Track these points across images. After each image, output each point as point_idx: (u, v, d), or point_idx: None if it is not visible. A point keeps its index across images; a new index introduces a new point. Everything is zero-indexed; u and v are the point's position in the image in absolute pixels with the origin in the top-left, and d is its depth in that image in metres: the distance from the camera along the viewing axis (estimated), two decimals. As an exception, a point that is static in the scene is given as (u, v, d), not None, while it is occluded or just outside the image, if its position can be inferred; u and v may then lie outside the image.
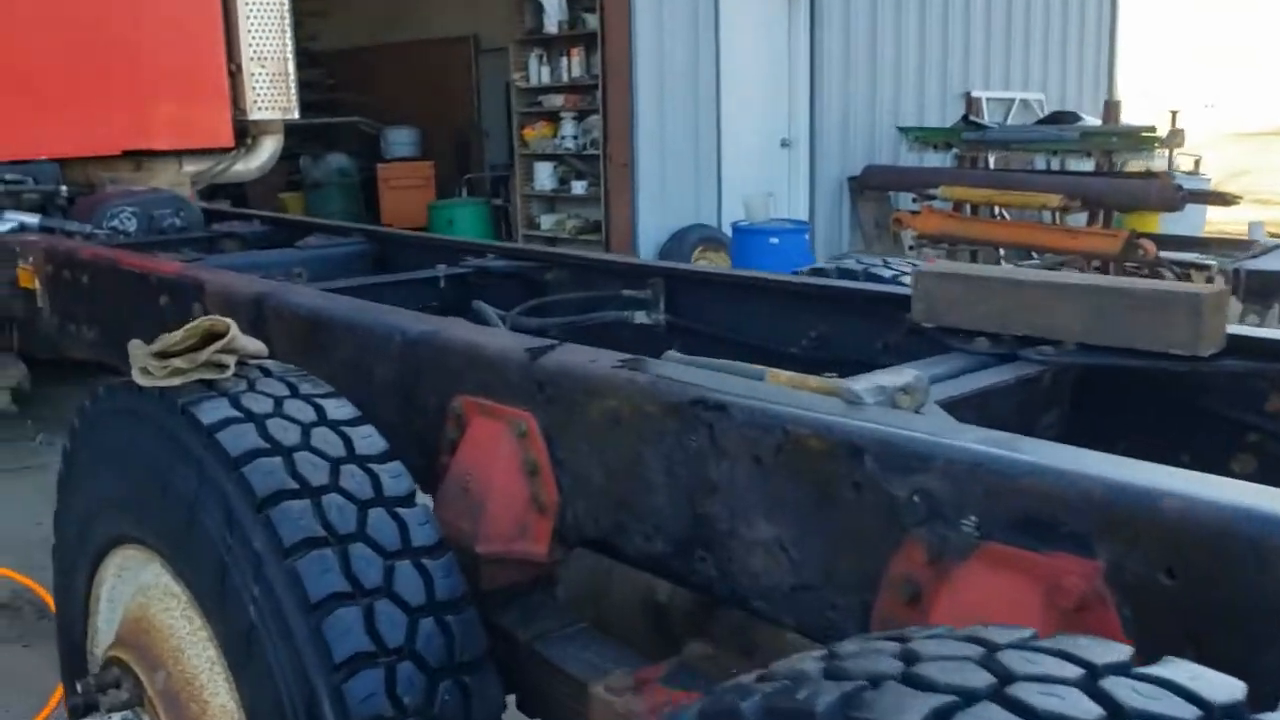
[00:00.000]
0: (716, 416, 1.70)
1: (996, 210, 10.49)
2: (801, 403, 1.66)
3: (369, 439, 1.95)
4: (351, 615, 1.69)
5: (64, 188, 5.48)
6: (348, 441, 1.91)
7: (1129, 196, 8.83)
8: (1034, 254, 10.56)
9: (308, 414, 1.94)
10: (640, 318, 3.17)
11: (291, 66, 6.59)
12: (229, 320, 2.03)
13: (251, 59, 6.36)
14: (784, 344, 2.88)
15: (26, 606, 4.41)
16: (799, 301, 2.90)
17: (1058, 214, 11.06)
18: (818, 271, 3.26)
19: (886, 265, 3.17)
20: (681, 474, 1.78)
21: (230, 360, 2.01)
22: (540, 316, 3.23)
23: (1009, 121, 12.23)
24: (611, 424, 1.88)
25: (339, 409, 1.99)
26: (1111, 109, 10.17)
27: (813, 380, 1.78)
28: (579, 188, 10.54)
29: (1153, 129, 9.42)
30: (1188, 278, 8.65)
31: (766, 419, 1.64)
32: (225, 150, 6.43)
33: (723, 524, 1.73)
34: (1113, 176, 9.34)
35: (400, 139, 16.32)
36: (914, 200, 10.28)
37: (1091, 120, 11.26)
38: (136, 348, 2.08)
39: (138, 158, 6.15)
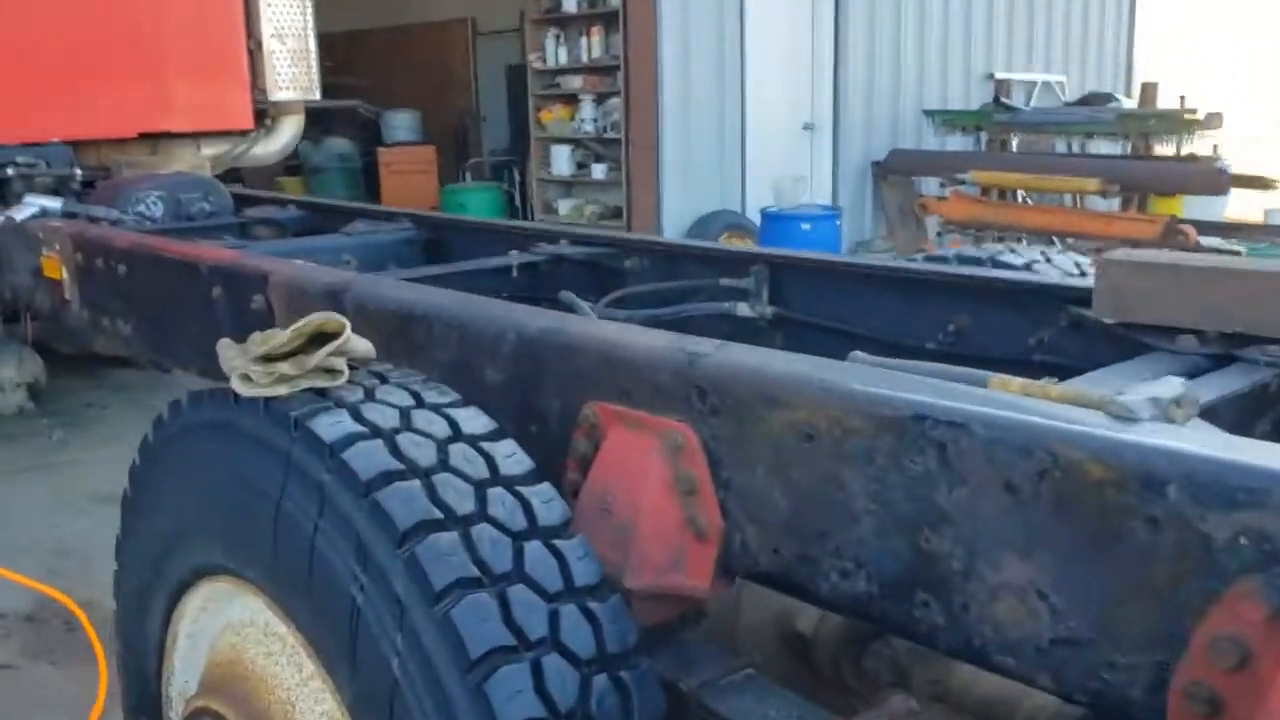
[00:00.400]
0: (952, 434, 1.42)
1: (1019, 195, 10.26)
2: (1059, 418, 1.38)
3: (512, 457, 1.66)
4: (519, 674, 1.41)
5: (79, 171, 5.18)
6: (490, 460, 1.63)
7: (1171, 181, 8.57)
8: (1054, 240, 10.30)
9: (440, 428, 1.66)
10: (743, 309, 2.90)
11: (313, 44, 6.29)
12: (342, 318, 1.74)
13: (272, 36, 6.05)
14: (916, 338, 2.61)
15: (53, 619, 4.12)
16: (930, 292, 2.62)
17: (1079, 198, 10.85)
18: (936, 259, 2.98)
19: (1014, 252, 2.89)
20: (898, 502, 1.50)
21: (343, 365, 1.72)
22: (629, 308, 2.96)
23: (1032, 104, 11.94)
24: (800, 440, 1.60)
25: (473, 421, 1.71)
26: (1148, 91, 9.89)
27: (1053, 389, 1.50)
28: (599, 172, 10.22)
29: (1193, 111, 9.15)
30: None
31: (1025, 439, 1.36)
32: (244, 132, 6.13)
33: (955, 563, 1.45)
34: (1152, 160, 9.07)
35: (400, 123, 16.02)
36: (941, 185, 10.01)
37: (1127, 102, 10.99)
38: (229, 349, 1.80)
39: (153, 140, 5.84)
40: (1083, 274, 2.75)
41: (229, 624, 1.87)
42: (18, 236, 3.96)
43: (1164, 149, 10.29)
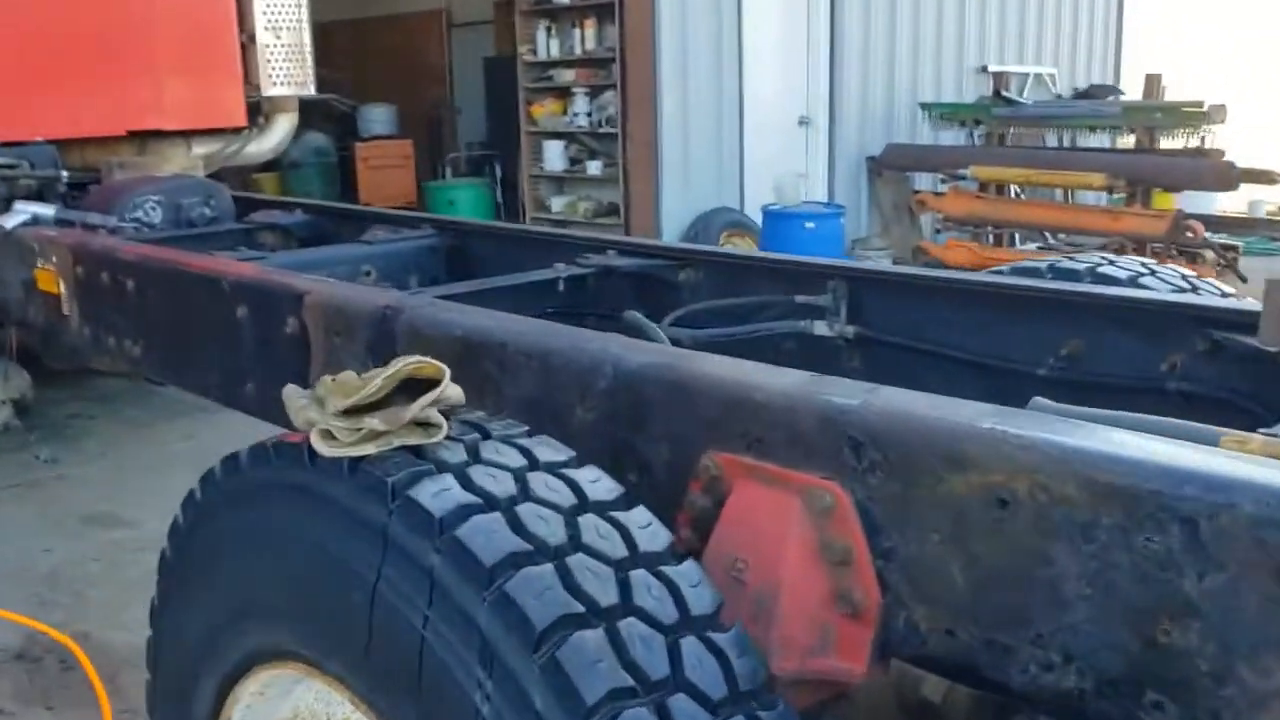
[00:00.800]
0: (1207, 509, 1.19)
1: (1012, 190, 10.08)
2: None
3: (649, 529, 1.41)
4: (690, 808, 1.16)
5: (65, 173, 4.86)
6: (626, 535, 1.38)
7: (1180, 176, 8.39)
8: (1047, 236, 10.12)
9: (564, 495, 1.41)
10: (820, 328, 2.66)
11: (307, 37, 5.99)
12: (440, 364, 1.48)
13: (266, 29, 5.75)
14: (1022, 363, 2.38)
15: (46, 657, 3.83)
16: (1034, 310, 2.39)
17: (1069, 192, 10.69)
18: (1025, 272, 2.74)
19: (1111, 263, 2.66)
20: (1125, 586, 1.26)
21: (441, 419, 1.47)
22: (693, 327, 2.71)
23: (1024, 96, 11.75)
24: (991, 507, 1.36)
25: (599, 485, 1.46)
26: (1151, 83, 9.71)
27: (1308, 451, 1.27)
28: (594, 168, 9.92)
29: (1199, 104, 8.97)
30: (1236, 261, 8.27)
31: (1311, 520, 1.13)
32: (237, 130, 5.82)
33: (1204, 663, 1.21)
34: (1160, 155, 8.89)
35: (377, 117, 15.69)
36: (942, 180, 9.80)
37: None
38: (298, 398, 1.54)
39: (141, 139, 5.52)
40: (1194, 289, 2.53)
41: (298, 715, 1.61)
42: (7, 246, 3.66)
43: (1144, 142, 10.17)
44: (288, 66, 5.87)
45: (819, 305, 2.67)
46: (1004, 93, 10.57)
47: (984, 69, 11.71)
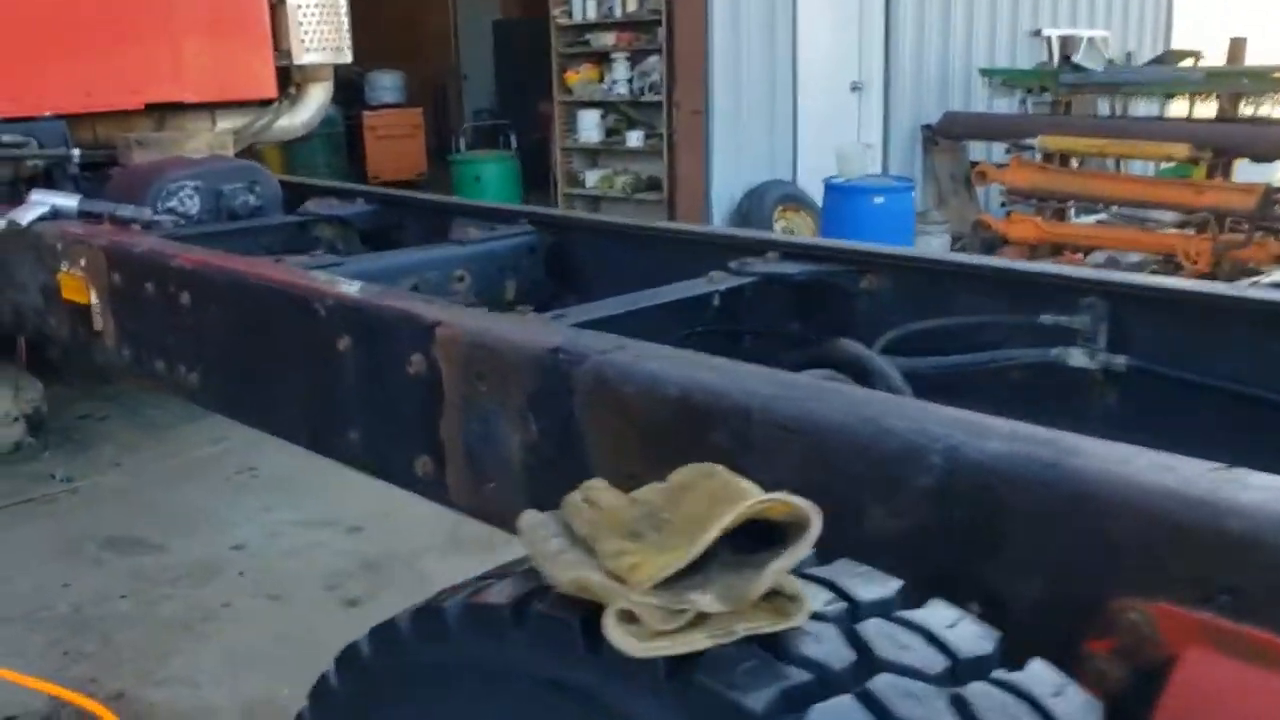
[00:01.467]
0: None
1: (1072, 162, 9.52)
2: None
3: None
4: None
5: (76, 152, 4.29)
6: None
7: (1271, 145, 7.80)
8: (1102, 208, 9.56)
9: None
10: (1076, 358, 2.09)
11: (343, -3, 5.37)
12: (799, 501, 0.91)
13: (297, -12, 5.13)
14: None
15: (77, 722, 3.27)
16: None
17: (1122, 163, 10.12)
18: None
19: None
20: None
21: (802, 591, 0.90)
22: (906, 354, 2.15)
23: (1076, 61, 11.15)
24: None
25: (1066, 702, 0.89)
26: (1236, 46, 9.10)
27: None
28: (634, 139, 9.26)
29: (1290, 68, 8.38)
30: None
31: None
32: (266, 102, 5.21)
33: None
34: (1247, 123, 8.30)
35: (385, 84, 15.09)
36: (1007, 151, 9.20)
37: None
38: (549, 536, 0.97)
39: (160, 113, 4.92)
40: None
41: None
42: (22, 245, 3.08)
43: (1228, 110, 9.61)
44: (322, 30, 5.25)
45: (1071, 328, 2.11)
46: (1073, 58, 9.92)
47: (1037, 33, 11.09)
